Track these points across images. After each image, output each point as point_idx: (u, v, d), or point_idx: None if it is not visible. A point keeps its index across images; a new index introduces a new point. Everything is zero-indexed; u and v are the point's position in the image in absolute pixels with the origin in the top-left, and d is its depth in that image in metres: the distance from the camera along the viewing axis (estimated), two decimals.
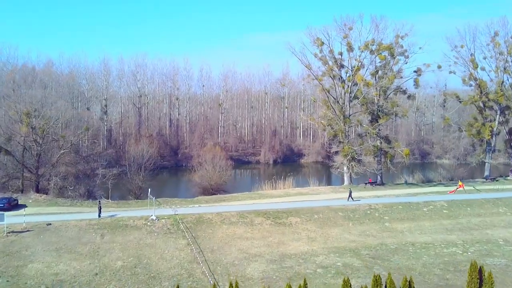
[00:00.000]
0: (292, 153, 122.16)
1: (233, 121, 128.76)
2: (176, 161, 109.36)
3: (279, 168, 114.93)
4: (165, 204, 54.56)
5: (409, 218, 48.22)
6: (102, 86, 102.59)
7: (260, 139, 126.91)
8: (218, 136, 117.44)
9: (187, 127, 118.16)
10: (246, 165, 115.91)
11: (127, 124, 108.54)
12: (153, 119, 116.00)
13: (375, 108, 68.86)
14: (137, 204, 53.56)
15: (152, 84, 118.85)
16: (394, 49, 65.17)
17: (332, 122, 69.11)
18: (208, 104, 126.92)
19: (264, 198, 59.27)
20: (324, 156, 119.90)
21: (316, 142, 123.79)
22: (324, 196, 60.43)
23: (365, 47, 65.08)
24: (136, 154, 66.38)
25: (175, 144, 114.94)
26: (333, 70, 67.14)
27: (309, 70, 68.19)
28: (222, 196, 61.73)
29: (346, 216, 47.53)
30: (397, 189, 67.42)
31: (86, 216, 43.34)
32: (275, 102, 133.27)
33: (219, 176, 67.40)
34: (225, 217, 44.68)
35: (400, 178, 78.96)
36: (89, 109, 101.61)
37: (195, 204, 55.12)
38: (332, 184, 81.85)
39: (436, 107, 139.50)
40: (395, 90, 70.33)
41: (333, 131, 68.65)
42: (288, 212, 47.13)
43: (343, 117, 68.64)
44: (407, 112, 70.18)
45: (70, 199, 51.22)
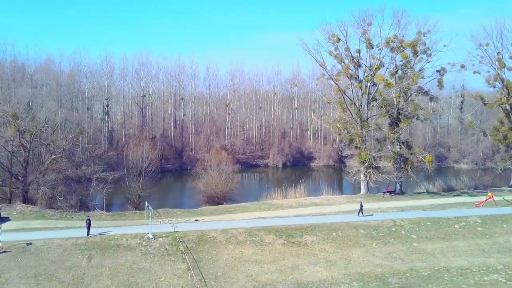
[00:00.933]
0: (302, 156, 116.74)
1: (240, 123, 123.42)
2: (181, 164, 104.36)
3: (288, 172, 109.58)
4: (165, 217, 49.40)
5: (440, 237, 42.57)
6: (104, 85, 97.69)
7: (269, 142, 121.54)
8: (224, 138, 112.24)
9: (192, 128, 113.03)
10: (254, 169, 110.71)
11: (130, 125, 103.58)
12: (157, 119, 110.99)
13: (395, 111, 63.24)
14: (134, 216, 48.42)
15: (156, 83, 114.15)
16: (417, 47, 59.41)
17: (348, 126, 63.52)
18: (214, 105, 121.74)
19: (274, 209, 53.98)
20: (336, 160, 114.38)
21: (327, 145, 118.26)
22: (340, 207, 55.00)
23: (386, 44, 59.37)
24: (135, 159, 61.22)
25: (180, 146, 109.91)
26: (349, 69, 61.59)
27: (323, 69, 62.70)
28: (228, 206, 56.49)
29: (369, 234, 41.98)
30: (419, 199, 61.76)
31: (73, 233, 38.17)
32: (284, 103, 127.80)
33: (225, 184, 62.10)
34: (231, 235, 39.34)
35: (419, 186, 73.26)
36: (90, 109, 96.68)
37: (199, 216, 49.95)
38: (345, 192, 76.29)
39: (453, 109, 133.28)
40: (417, 92, 64.62)
41: (349, 136, 63.03)
42: (302, 229, 41.67)
43: (360, 120, 63.09)
44: (430, 116, 64.28)
45: (60, 211, 46.16)
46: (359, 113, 63.16)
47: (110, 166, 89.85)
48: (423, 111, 62.52)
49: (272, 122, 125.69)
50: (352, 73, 61.80)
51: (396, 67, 63.54)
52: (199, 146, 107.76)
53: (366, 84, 63.60)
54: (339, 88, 60.84)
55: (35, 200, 47.57)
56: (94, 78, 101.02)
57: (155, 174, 61.67)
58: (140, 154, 60.78)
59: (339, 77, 61.70)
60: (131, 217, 48.41)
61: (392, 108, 63.59)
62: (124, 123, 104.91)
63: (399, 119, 63.77)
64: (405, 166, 64.93)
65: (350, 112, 63.59)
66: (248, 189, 78.28)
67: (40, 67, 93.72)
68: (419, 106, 61.53)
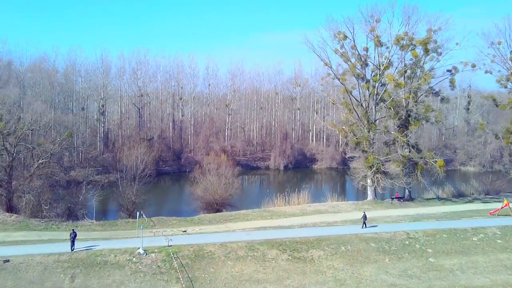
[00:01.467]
0: (304, 158, 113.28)
1: (240, 123, 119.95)
2: (179, 166, 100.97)
3: (290, 175, 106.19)
4: (159, 226, 46.10)
5: (458, 251, 39.13)
6: (100, 84, 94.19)
7: (270, 143, 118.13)
8: (224, 140, 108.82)
9: (191, 129, 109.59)
10: (255, 171, 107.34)
11: (127, 126, 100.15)
12: (155, 120, 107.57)
13: (404, 113, 59.80)
14: (126, 226, 45.04)
15: (154, 82, 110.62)
16: (428, 45, 55.94)
17: (355, 128, 60.07)
18: (214, 105, 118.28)
19: (277, 217, 50.60)
20: (339, 162, 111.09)
21: (330, 147, 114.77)
22: (347, 215, 51.60)
23: (396, 41, 55.86)
24: (130, 163, 57.78)
25: (179, 147, 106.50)
26: (356, 68, 58.13)
27: (329, 68, 59.27)
28: (228, 214, 53.08)
29: (380, 248, 38.53)
30: (429, 207, 58.39)
31: (57, 248, 34.69)
32: (286, 103, 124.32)
33: (224, 189, 58.63)
34: (230, 250, 35.89)
35: (428, 192, 69.83)
36: (84, 110, 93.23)
37: (196, 225, 46.61)
38: (351, 197, 72.92)
39: (459, 109, 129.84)
40: (427, 92, 61.20)
41: (355, 139, 59.56)
42: (308, 243, 38.22)
43: (367, 122, 59.66)
44: (441, 118, 60.73)
45: (45, 220, 42.70)
46: (366, 115, 59.74)
47: (105, 169, 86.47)
48: (434, 112, 58.90)
49: (273, 123, 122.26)
50: (359, 73, 58.34)
51: (405, 66, 60.10)
52: (198, 148, 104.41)
53: (374, 84, 60.21)
54: (346, 88, 57.39)
55: (19, 208, 44.14)
56: (89, 77, 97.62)
57: (150, 178, 58.09)
58: (135, 158, 57.27)
59: (345, 77, 58.21)
60: (123, 227, 45.03)
61: (401, 109, 60.24)
62: (121, 124, 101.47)
63: (409, 121, 60.45)
64: (414, 171, 61.60)
65: (356, 113, 60.16)
66: (248, 194, 74.87)
67: (33, 65, 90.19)
68: (430, 107, 58.06)
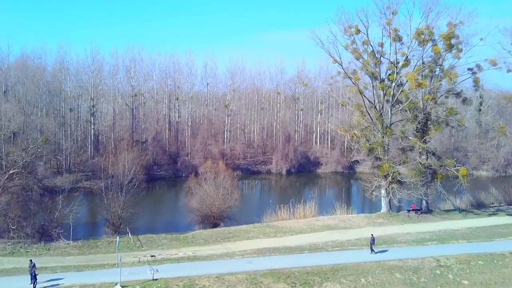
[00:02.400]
0: (307, 161, 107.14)
1: (240, 125, 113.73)
2: (175, 170, 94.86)
3: (293, 180, 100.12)
4: (147, 246, 40.08)
5: (498, 282, 32.98)
6: (90, 83, 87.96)
7: (272, 145, 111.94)
8: (223, 142, 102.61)
9: (188, 131, 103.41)
10: (256, 176, 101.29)
11: (120, 127, 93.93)
12: (150, 121, 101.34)
13: (421, 116, 53.62)
14: (108, 248, 38.96)
15: (149, 81, 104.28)
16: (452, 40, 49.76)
17: (368, 133, 53.90)
18: (213, 105, 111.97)
19: (282, 235, 44.69)
20: (345, 166, 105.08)
21: (335, 150, 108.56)
22: (361, 232, 45.63)
23: (417, 35, 49.59)
24: (117, 171, 51.58)
25: (175, 150, 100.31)
26: (370, 65, 51.99)
27: (339, 66, 53.11)
28: (226, 230, 47.00)
29: (407, 279, 32.34)
30: (450, 220, 52.46)
31: (17, 282, 28.53)
32: (288, 103, 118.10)
33: (223, 201, 52.48)
34: (228, 285, 29.71)
35: (445, 202, 63.80)
36: (73, 111, 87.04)
37: (189, 245, 40.64)
38: (361, 208, 67.14)
39: (470, 110, 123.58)
40: (448, 93, 55.04)
41: (368, 144, 53.39)
42: (321, 273, 32.04)
43: (381, 126, 53.53)
44: (464, 121, 54.52)
45: (13, 242, 36.59)
46: (381, 118, 53.61)
47: (95, 174, 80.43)
48: (457, 116, 52.62)
49: (275, 124, 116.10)
50: (373, 71, 52.17)
51: (423, 64, 53.86)
52: (195, 151, 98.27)
53: (389, 84, 54.10)
54: (359, 88, 51.21)
55: None
56: (79, 75, 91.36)
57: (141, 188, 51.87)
58: (121, 166, 51.04)
59: (359, 76, 52.02)
60: (104, 249, 38.96)
61: (418, 112, 54.10)
62: (114, 125, 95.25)
63: (427, 125, 54.36)
64: (433, 180, 55.53)
65: (370, 116, 54.04)
66: (249, 203, 68.64)
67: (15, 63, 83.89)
68: (454, 110, 51.84)
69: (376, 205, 62.30)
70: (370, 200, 77.29)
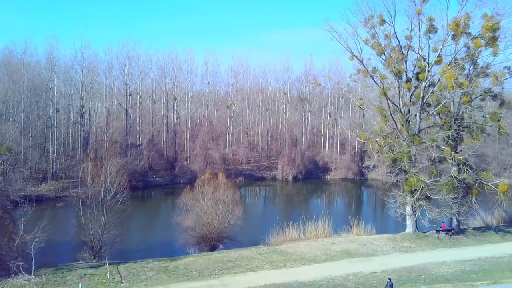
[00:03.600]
0: (315, 167, 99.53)
1: (244, 127, 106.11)
2: (172, 176, 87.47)
3: (300, 187, 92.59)
4: (128, 281, 32.58)
5: None
6: (80, 81, 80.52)
7: (277, 149, 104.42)
8: (225, 146, 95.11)
9: (187, 133, 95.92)
10: (260, 182, 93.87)
11: (113, 130, 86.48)
12: (146, 123, 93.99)
13: (452, 122, 45.93)
14: (80, 282, 31.48)
15: (146, 80, 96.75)
16: (496, 31, 41.96)
17: (392, 141, 46.20)
18: (214, 106, 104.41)
19: (292, 264, 37.34)
20: (356, 172, 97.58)
21: (345, 155, 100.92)
22: (386, 260, 38.46)
23: (454, 26, 41.72)
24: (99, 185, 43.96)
25: (172, 154, 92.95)
26: (396, 62, 44.28)
27: (360, 63, 45.51)
28: (225, 256, 39.59)
29: None
30: (488, 244, 45.00)
31: None
32: (294, 104, 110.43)
33: (222, 219, 45.00)
34: None
35: (475, 218, 56.21)
36: (60, 111, 79.60)
37: (179, 280, 33.19)
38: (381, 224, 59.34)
39: None
40: (484, 95, 47.24)
41: (393, 154, 45.71)
42: None
43: (407, 133, 45.87)
44: (506, 129, 46.62)
45: None
46: (407, 124, 45.93)
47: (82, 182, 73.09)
48: (499, 122, 44.68)
49: (280, 127, 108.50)
50: (400, 69, 44.46)
51: (455, 61, 46.04)
52: (194, 156, 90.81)
53: (416, 83, 46.44)
54: (384, 89, 43.53)
55: None
56: (69, 73, 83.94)
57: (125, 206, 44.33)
58: (103, 179, 43.44)
59: (385, 75, 44.29)
60: (74, 286, 31.46)
61: (450, 117, 46.41)
62: (107, 127, 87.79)
63: (459, 132, 46.64)
64: (467, 196, 47.85)
65: (394, 122, 46.37)
66: (253, 217, 61.01)
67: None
68: (497, 115, 43.93)
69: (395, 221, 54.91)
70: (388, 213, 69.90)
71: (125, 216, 45.60)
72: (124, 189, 44.02)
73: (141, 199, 77.88)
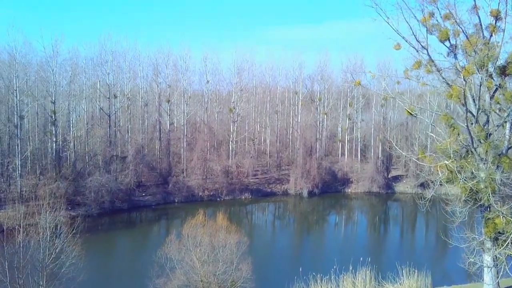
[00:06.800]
0: (334, 179, 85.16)
1: (249, 133, 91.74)
2: (165, 194, 73.45)
3: (317, 203, 78.35)
4: None
5: None
6: (51, 82, 66.33)
7: (288, 158, 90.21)
8: (228, 156, 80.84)
9: (183, 141, 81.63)
10: (269, 198, 79.75)
11: (93, 139, 72.31)
12: (134, 130, 80.00)
13: None
14: None
15: (134, 79, 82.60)
16: None
17: (468, 164, 31.60)
18: (215, 108, 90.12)
19: None
20: (382, 185, 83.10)
21: (369, 164, 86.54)
22: None
23: None
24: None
25: (166, 167, 78.78)
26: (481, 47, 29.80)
27: (421, 51, 31.09)
28: None
29: None
30: None
31: None
32: (308, 106, 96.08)
33: (221, 283, 30.95)
34: None
35: None
36: (23, 118, 65.55)
37: None
38: (430, 262, 44.85)
39: None
40: None
41: (470, 184, 31.10)
42: None
43: (486, 153, 31.30)
44: None
45: None
46: (489, 141, 31.38)
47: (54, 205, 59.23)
48: None
49: (291, 131, 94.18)
50: (484, 58, 29.90)
51: None
52: (191, 169, 76.66)
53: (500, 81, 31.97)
54: (464, 91, 29.01)
55: None
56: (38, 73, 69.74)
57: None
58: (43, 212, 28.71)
59: (472, 67, 29.62)
60: None
61: None
62: (87, 137, 73.72)
63: None
64: None
65: (470, 136, 31.79)
66: (264, 262, 46.26)
67: None
68: None
69: (457, 264, 40.86)
70: (436, 244, 56.05)
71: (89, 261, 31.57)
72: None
73: (123, 226, 64.03)
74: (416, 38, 32.10)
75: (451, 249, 47.06)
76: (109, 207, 64.76)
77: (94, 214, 62.69)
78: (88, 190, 63.99)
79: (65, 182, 63.62)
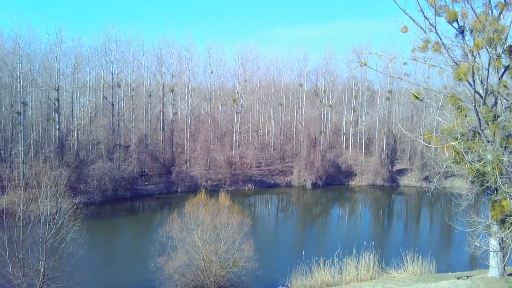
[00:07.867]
0: (337, 171, 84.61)
1: (253, 125, 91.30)
2: (168, 183, 73.17)
3: (321, 196, 77.84)
4: None
5: None
6: (55, 69, 66.13)
7: (292, 151, 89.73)
8: (231, 147, 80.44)
9: (187, 132, 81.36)
10: (272, 190, 79.30)
11: (96, 128, 72.06)
12: (137, 120, 79.75)
13: None
14: None
15: (138, 69, 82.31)
16: None
17: (475, 146, 31.11)
18: (218, 100, 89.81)
19: None
20: (386, 178, 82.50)
21: (373, 156, 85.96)
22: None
23: None
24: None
25: (169, 157, 78.49)
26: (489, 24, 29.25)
27: (431, 29, 30.59)
28: None
29: None
30: None
31: None
32: (312, 98, 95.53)
33: (224, 262, 30.64)
34: None
35: None
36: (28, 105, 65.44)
37: None
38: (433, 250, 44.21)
39: None
40: None
41: (478, 165, 30.59)
42: None
43: (494, 135, 30.77)
44: None
45: None
46: (497, 122, 30.86)
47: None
48: None
49: (295, 124, 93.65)
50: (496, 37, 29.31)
51: None
52: (194, 159, 76.30)
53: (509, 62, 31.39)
54: (473, 68, 28.47)
55: None
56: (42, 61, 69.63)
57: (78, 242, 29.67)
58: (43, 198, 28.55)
59: (482, 42, 29.06)
60: None
61: None
62: (90, 125, 73.51)
63: None
64: None
65: (478, 117, 31.25)
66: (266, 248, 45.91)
67: None
68: None
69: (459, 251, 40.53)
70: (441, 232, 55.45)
71: (91, 244, 31.30)
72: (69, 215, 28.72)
73: (126, 214, 63.80)
74: (424, 15, 31.51)
75: (456, 238, 46.65)
76: (111, 195, 64.51)
77: (97, 202, 62.74)
78: (91, 177, 63.78)
79: (67, 169, 63.38)
